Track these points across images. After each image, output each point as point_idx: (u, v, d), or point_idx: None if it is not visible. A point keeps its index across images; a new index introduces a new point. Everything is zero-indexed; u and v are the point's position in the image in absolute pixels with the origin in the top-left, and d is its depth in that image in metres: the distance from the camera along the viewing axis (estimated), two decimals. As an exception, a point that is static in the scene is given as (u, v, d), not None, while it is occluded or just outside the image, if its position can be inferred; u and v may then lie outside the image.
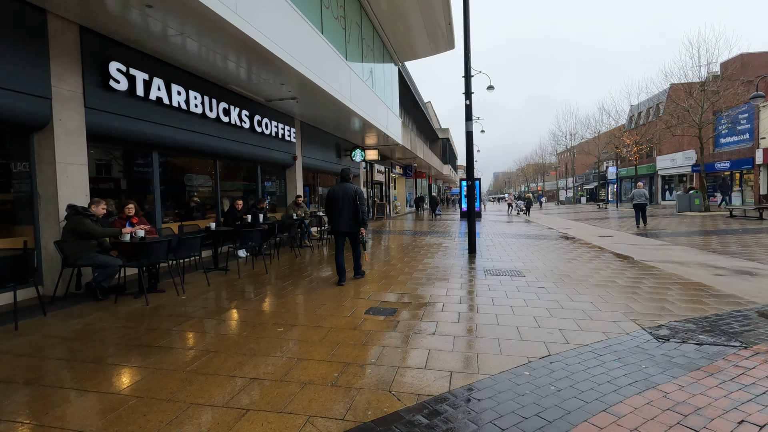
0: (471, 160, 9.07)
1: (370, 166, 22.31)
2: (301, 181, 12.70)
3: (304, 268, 7.41)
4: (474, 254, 8.92)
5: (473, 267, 7.36)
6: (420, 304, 4.85)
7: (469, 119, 8.97)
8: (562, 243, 10.68)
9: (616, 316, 4.26)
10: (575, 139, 44.43)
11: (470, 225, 9.11)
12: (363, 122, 13.30)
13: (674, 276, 6.24)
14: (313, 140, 13.58)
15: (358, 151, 17.07)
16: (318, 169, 14.65)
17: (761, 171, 23.47)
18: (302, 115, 12.03)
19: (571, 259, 7.98)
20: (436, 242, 11.29)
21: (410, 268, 7.24)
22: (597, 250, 9.29)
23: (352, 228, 5.94)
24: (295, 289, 5.70)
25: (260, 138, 10.22)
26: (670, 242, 10.43)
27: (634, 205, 14.96)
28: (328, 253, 9.33)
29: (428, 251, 9.44)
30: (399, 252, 9.38)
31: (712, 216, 18.11)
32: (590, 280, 6.07)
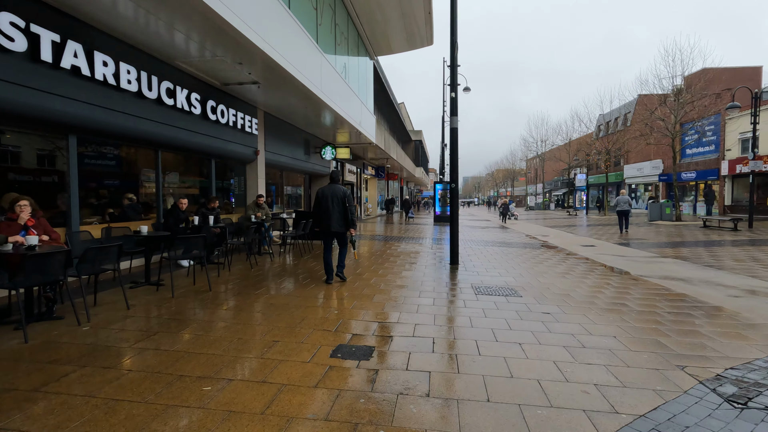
0: (455, 159, 8.09)
1: (341, 166, 21.09)
2: (263, 179, 11.36)
3: (259, 282, 6.16)
4: (456, 266, 7.93)
5: (459, 283, 6.35)
6: (404, 339, 3.76)
7: (455, 114, 8.00)
8: (546, 253, 9.90)
9: (655, 359, 3.32)
10: (546, 146, 44.83)
11: (453, 233, 8.12)
12: (335, 116, 12.12)
13: (687, 298, 5.45)
14: (278, 134, 12.26)
15: (329, 148, 15.84)
16: (284, 167, 13.32)
17: (726, 182, 23.98)
18: (266, 105, 10.71)
19: (565, 274, 7.13)
20: (412, 250, 10.26)
21: (387, 284, 6.14)
22: (587, 262, 8.52)
23: (340, 228, 6.02)
24: (243, 314, 4.48)
25: (215, 127, 8.85)
26: (658, 254, 9.86)
27: (618, 212, 15.23)
28: (292, 262, 8.10)
29: (405, 261, 8.38)
30: (373, 261, 8.26)
31: (685, 225, 18.07)
32: (597, 302, 5.18)
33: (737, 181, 23.50)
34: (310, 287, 5.88)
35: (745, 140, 22.55)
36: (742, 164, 22.25)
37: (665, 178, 29.62)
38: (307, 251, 9.71)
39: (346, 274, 6.91)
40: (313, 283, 6.20)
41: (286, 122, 12.82)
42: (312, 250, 10.00)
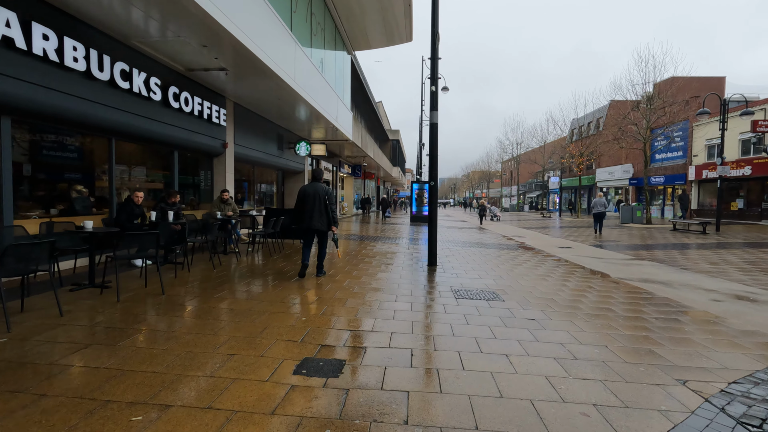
0: (435, 156, 7.75)
1: (316, 163, 20.51)
2: (232, 174, 10.72)
3: (221, 284, 5.62)
4: (435, 267, 7.59)
5: (438, 285, 5.99)
6: (379, 351, 3.35)
7: (434, 109, 7.65)
8: (524, 254, 9.71)
9: (653, 373, 3.03)
10: (521, 148, 45.41)
11: (431, 233, 7.77)
12: (310, 111, 11.60)
13: (671, 302, 5.28)
14: (249, 127, 11.64)
15: (303, 144, 15.27)
16: (255, 161, 12.69)
17: (693, 187, 24.73)
18: (236, 95, 10.09)
19: (545, 276, 6.90)
20: (388, 250, 9.87)
21: (361, 287, 5.72)
22: (566, 264, 8.35)
23: (322, 226, 6.03)
24: (197, 322, 3.96)
25: (178, 116, 8.20)
26: (634, 256, 9.83)
27: (594, 214, 15.88)
28: (260, 262, 7.56)
29: (381, 261, 7.97)
30: (347, 262, 7.82)
31: (656, 228, 18.43)
32: (581, 307, 4.92)
33: (703, 186, 24.28)
34: (278, 290, 5.39)
35: (712, 146, 23.31)
36: (708, 170, 22.98)
37: (635, 182, 30.38)
38: (277, 251, 9.17)
39: (313, 283, 6.45)
40: (281, 285, 5.71)
41: (258, 115, 12.20)
42: (282, 249, 9.46)
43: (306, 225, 5.98)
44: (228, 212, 8.56)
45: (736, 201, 22.08)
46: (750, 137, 20.24)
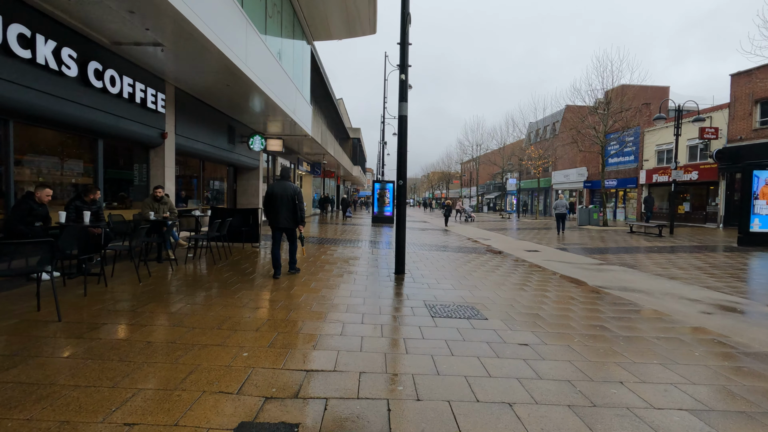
0: (404, 153, 6.98)
1: (272, 159, 19.23)
2: (172, 168, 9.44)
3: (142, 305, 4.53)
4: (402, 275, 6.83)
5: (409, 299, 5.23)
6: (344, 406, 2.50)
7: (404, 99, 6.89)
8: (494, 259, 9.19)
9: (689, 422, 2.40)
10: (481, 150, 45.94)
11: (399, 238, 7.00)
12: (265, 101, 10.51)
13: (663, 317, 4.81)
14: (194, 116, 10.36)
15: (258, 138, 14.05)
16: (202, 155, 11.40)
17: (643, 190, 25.71)
18: (178, 78, 8.84)
19: (522, 285, 6.33)
20: (351, 255, 9.02)
21: (321, 303, 4.84)
22: (539, 270, 7.88)
23: (289, 225, 6.19)
24: (90, 366, 2.93)
25: (101, 98, 6.91)
26: (603, 260, 9.59)
27: (556, 215, 16.77)
28: (200, 272, 6.46)
29: (343, 270, 7.11)
30: (305, 271, 6.89)
31: (614, 230, 18.78)
32: (573, 325, 4.33)
33: (653, 189, 25.28)
34: (217, 310, 4.40)
35: (662, 151, 24.30)
36: (658, 174, 23.92)
37: (589, 185, 31.32)
38: (223, 257, 8.05)
39: (263, 303, 5.50)
40: (222, 303, 4.71)
41: (206, 103, 10.93)
42: (230, 255, 8.34)
43: (274, 223, 6.16)
44: (164, 213, 7.36)
45: (682, 204, 23.11)
46: (697, 143, 21.19)
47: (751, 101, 18.27)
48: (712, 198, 21.11)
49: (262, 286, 5.68)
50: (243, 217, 9.31)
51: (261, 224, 9.51)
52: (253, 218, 9.32)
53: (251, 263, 7.46)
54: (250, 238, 9.37)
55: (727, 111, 19.40)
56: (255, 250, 9.07)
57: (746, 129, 18.55)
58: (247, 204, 16.24)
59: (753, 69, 18.20)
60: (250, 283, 5.79)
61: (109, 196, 8.17)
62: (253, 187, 16.30)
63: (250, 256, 8.26)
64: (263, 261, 7.80)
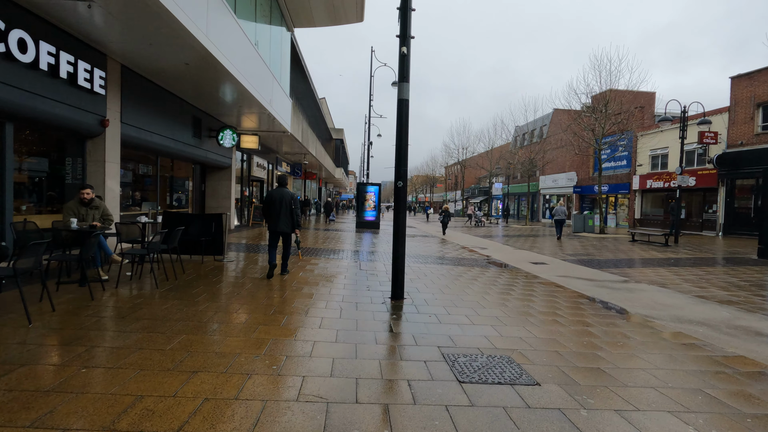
0: (404, 146, 5.53)
1: (248, 158, 17.52)
2: (116, 164, 7.75)
3: (31, 356, 2.93)
4: (401, 301, 5.38)
5: (419, 345, 3.77)
6: None
7: (405, 79, 5.45)
8: (502, 275, 7.84)
9: None
10: (467, 153, 44.97)
11: (397, 253, 5.52)
12: (236, 88, 8.94)
13: (764, 368, 3.50)
14: (149, 103, 8.70)
15: (229, 132, 12.39)
16: (159, 150, 9.72)
17: (636, 196, 24.98)
18: (125, 54, 7.20)
19: (553, 315, 4.97)
20: (335, 270, 7.51)
21: (294, 357, 3.33)
22: (560, 291, 6.56)
23: (287, 229, 6.49)
24: None
25: (7, 68, 5.26)
26: (623, 276, 8.36)
27: (555, 220, 17.21)
28: (137, 298, 4.84)
29: (325, 293, 5.60)
30: (277, 296, 5.35)
31: (614, 239, 17.76)
32: (660, 388, 2.96)
33: (646, 195, 24.57)
34: (140, 355, 2.84)
35: (656, 156, 23.59)
36: (653, 179, 23.18)
37: (579, 190, 30.56)
38: (172, 276, 6.40)
39: (215, 354, 3.96)
40: (155, 348, 3.14)
41: (164, 88, 9.27)
42: (183, 273, 6.69)
43: (273, 227, 6.47)
44: (94, 219, 5.70)
45: (678, 211, 22.41)
46: (695, 148, 20.49)
47: (753, 105, 17.60)
48: (709, 205, 20.42)
49: (212, 323, 4.12)
50: (203, 223, 7.67)
51: (227, 232, 7.89)
52: (217, 225, 7.69)
53: (208, 286, 5.86)
54: (213, 249, 7.74)
55: (726, 115, 18.72)
56: (218, 265, 7.45)
57: (747, 133, 17.86)
58: (218, 208, 14.52)
59: (754, 71, 17.55)
60: (197, 320, 4.23)
61: (27, 196, 6.46)
62: (225, 189, 14.59)
63: (209, 275, 6.65)
64: (226, 281, 6.22)
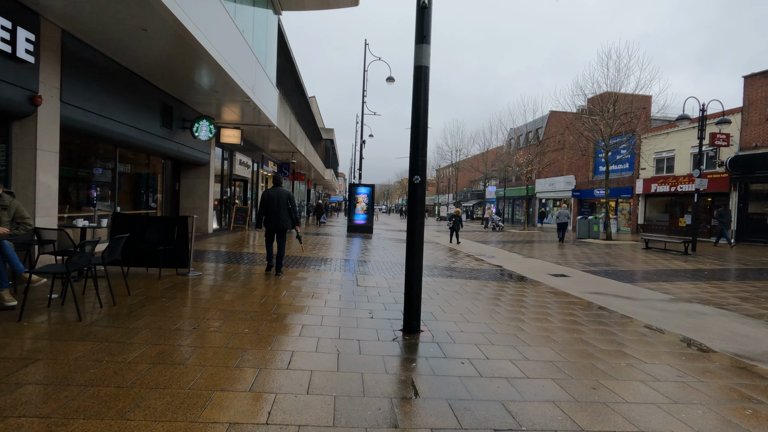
0: (422, 128, 4.16)
1: (230, 155, 15.98)
2: (53, 154, 6.22)
3: None
4: (417, 335, 4.01)
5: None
6: None
7: (424, 40, 4.09)
8: (528, 292, 6.51)
9: None
10: (460, 155, 43.88)
11: (412, 273, 4.13)
12: (211, 68, 7.51)
13: None
14: (100, 80, 7.19)
15: (205, 123, 10.88)
16: (119, 141, 8.20)
17: (640, 200, 24.01)
18: (65, 14, 5.71)
19: (618, 353, 3.65)
20: (325, 286, 6.10)
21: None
22: (606, 314, 5.26)
23: (287, 225, 6.77)
24: None
25: None
26: (664, 292, 7.12)
27: (558, 224, 17.51)
28: (62, 337, 3.38)
29: (313, 325, 4.19)
30: (247, 327, 3.93)
31: (625, 245, 16.62)
32: None
33: (650, 200, 23.61)
34: None
35: (661, 159, 22.65)
36: (658, 183, 22.22)
37: (578, 194, 29.59)
38: (117, 298, 4.90)
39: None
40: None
41: (123, 66, 7.77)
42: (128, 296, 5.20)
43: (273, 225, 6.73)
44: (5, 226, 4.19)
45: (684, 217, 21.47)
46: (705, 151, 19.54)
47: (768, 105, 16.69)
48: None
49: (141, 388, 2.69)
50: (162, 229, 6.15)
51: (192, 237, 6.41)
52: (181, 231, 6.20)
53: (154, 317, 4.38)
54: (175, 260, 6.24)
55: (738, 116, 17.79)
56: (180, 281, 5.97)
57: (763, 135, 16.95)
58: (194, 209, 12.96)
59: (770, 70, 16.64)
60: (117, 382, 2.78)
61: None
62: (202, 188, 13.05)
63: (164, 297, 5.17)
64: (183, 307, 4.75)
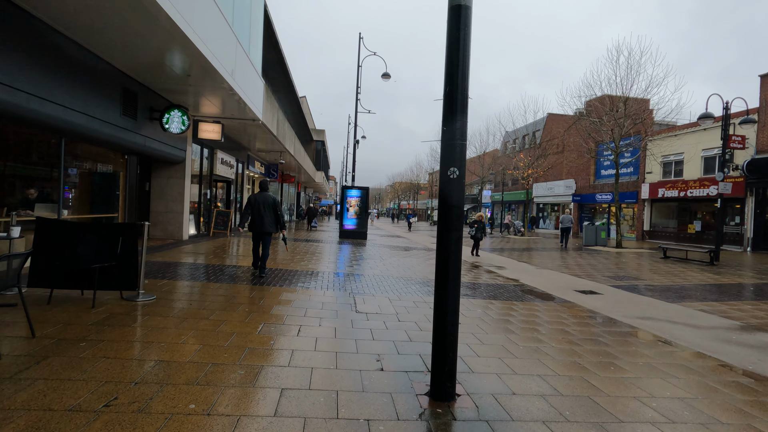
0: (460, 92, 2.82)
1: (210, 153, 14.45)
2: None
3: None
4: (452, 404, 2.64)
5: None
6: None
7: (465, -34, 2.76)
8: (561, 316, 5.20)
9: None
10: (455, 159, 42.68)
11: (445, 310, 2.79)
12: (178, 43, 6.09)
13: None
14: (37, 53, 5.73)
15: (177, 114, 9.41)
16: (63, 129, 6.71)
17: (645, 206, 23.00)
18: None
19: (748, 427, 2.32)
20: (314, 314, 4.71)
21: None
22: (677, 351, 3.94)
23: (272, 229, 6.99)
24: None
25: None
26: (726, 317, 5.87)
27: (561, 229, 17.59)
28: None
29: (298, 382, 2.81)
30: (203, 389, 2.53)
31: (641, 254, 15.48)
32: None
33: (657, 205, 22.62)
34: None
35: (668, 163, 21.67)
36: (665, 188, 21.22)
37: (579, 198, 28.57)
38: (20, 337, 3.46)
39: None
40: None
41: (67, 36, 6.29)
42: (30, 338, 3.75)
43: (258, 229, 6.88)
44: None
45: (693, 223, 20.48)
46: (716, 154, 18.59)
47: (788, 106, 15.75)
48: (731, 217, 18.51)
49: None
50: (101, 239, 4.69)
51: (143, 250, 4.97)
52: (127, 243, 4.75)
53: (61, 373, 2.96)
54: (118, 280, 4.78)
55: (755, 117, 16.85)
56: (122, 310, 4.52)
57: (781, 138, 15.99)
58: (167, 212, 11.46)
59: (789, 69, 15.69)
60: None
61: None
62: (176, 189, 11.54)
63: (87, 338, 3.72)
64: (112, 357, 3.33)
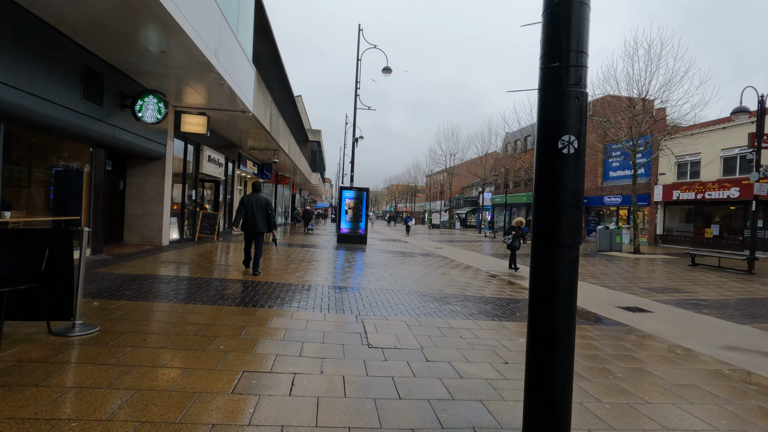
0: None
1: (195, 149, 13.12)
2: None
3: None
4: None
5: None
6: None
7: None
8: (619, 344, 3.98)
9: None
10: (454, 160, 41.65)
11: (552, 388, 1.56)
12: (148, 6, 4.83)
13: None
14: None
15: (152, 100, 8.12)
16: (2, 111, 5.42)
17: (658, 209, 21.94)
18: None
19: None
20: (311, 352, 3.45)
21: None
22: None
23: (264, 229, 7.19)
24: None
25: None
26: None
27: None
28: None
29: None
30: None
31: (662, 261, 14.35)
32: None
33: (670, 208, 21.57)
34: None
35: (684, 164, 20.65)
36: (680, 190, 20.18)
37: (585, 201, 27.50)
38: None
39: None
40: None
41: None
42: None
43: (251, 229, 7.07)
44: None
45: (711, 227, 19.43)
46: (737, 154, 17.57)
47: (818, 102, 14.69)
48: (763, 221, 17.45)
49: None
50: (16, 253, 3.41)
51: (82, 265, 3.68)
52: (55, 257, 3.47)
53: None
54: (46, 307, 3.50)
55: (781, 114, 15.79)
56: (45, 352, 3.26)
57: (811, 136, 14.94)
58: (144, 215, 10.16)
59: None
60: None
61: None
62: (155, 188, 10.23)
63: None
64: None
